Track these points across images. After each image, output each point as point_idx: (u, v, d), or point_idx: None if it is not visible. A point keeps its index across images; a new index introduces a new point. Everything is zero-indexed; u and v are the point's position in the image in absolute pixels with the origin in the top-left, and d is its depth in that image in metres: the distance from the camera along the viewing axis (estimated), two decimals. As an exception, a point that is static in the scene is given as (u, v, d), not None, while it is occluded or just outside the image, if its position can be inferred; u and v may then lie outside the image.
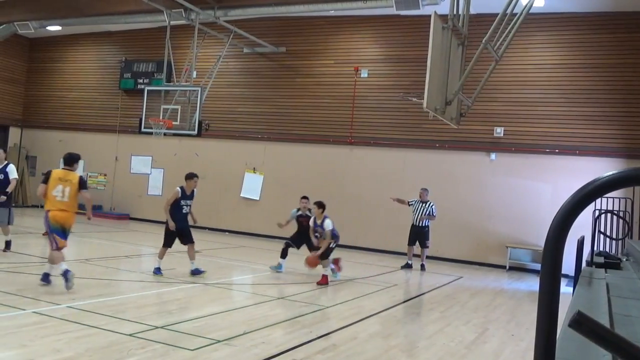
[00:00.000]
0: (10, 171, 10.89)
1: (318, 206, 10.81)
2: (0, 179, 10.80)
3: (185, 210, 10.04)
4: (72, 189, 8.33)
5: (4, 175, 10.80)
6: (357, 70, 17.35)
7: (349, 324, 7.27)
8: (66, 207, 8.29)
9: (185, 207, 10.03)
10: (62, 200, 8.27)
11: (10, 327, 5.91)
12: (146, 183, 20.33)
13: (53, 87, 23.08)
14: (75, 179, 8.46)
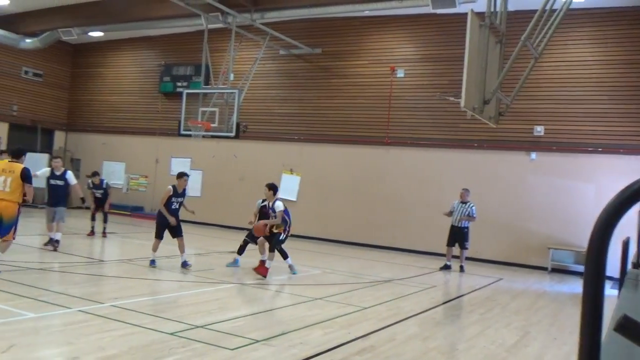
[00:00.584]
0: (69, 177, 11.79)
1: (269, 188, 10.83)
2: (61, 184, 11.76)
3: (174, 207, 10.67)
4: (14, 180, 8.45)
5: (64, 181, 11.74)
6: (393, 70, 17.27)
7: (387, 325, 7.24)
8: (6, 197, 8.38)
9: (176, 203, 10.69)
10: (2, 190, 8.40)
11: (57, 325, 6.10)
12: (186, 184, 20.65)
13: (95, 91, 23.69)
14: (18, 170, 8.56)
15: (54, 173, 11.87)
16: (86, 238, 13.72)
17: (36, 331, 5.77)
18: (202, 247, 14.17)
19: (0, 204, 8.36)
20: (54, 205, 11.79)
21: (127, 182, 22.25)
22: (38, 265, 9.89)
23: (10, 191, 8.42)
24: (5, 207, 8.37)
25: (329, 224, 17.88)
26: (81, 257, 10.98)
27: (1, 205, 8.37)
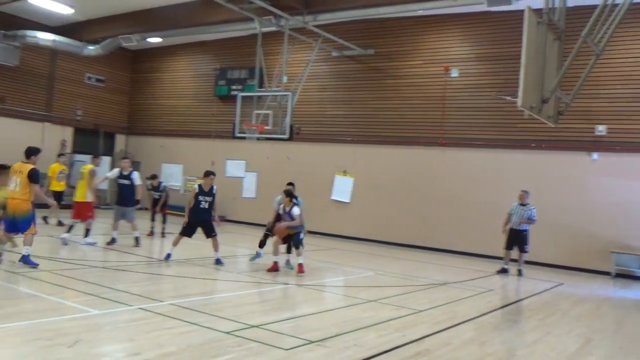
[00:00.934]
0: (135, 178, 12.41)
1: (286, 194, 10.93)
2: (128, 184, 12.33)
3: (202, 206, 10.86)
4: (22, 180, 9.08)
5: (130, 181, 12.32)
6: (447, 69, 17.02)
7: (443, 329, 7.14)
8: (16, 196, 9.06)
9: (203, 202, 10.84)
10: (14, 190, 9.09)
11: (119, 322, 6.31)
12: (240, 186, 20.99)
13: (154, 96, 24.41)
14: (26, 171, 9.14)
15: (122, 173, 12.37)
16: (146, 238, 14.13)
17: (100, 327, 5.99)
18: (256, 247, 14.34)
19: (12, 203, 9.10)
20: (122, 205, 12.31)
21: (185, 183, 22.79)
22: (101, 264, 10.27)
23: (20, 190, 9.11)
24: (16, 205, 9.07)
25: (382, 226, 17.78)
26: (141, 257, 11.32)
27: (13, 203, 9.09)
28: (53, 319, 6.10)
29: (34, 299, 6.94)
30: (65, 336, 5.43)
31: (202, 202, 10.83)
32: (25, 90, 21.68)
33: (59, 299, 6.95)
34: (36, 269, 8.82)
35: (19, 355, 4.88)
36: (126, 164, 12.59)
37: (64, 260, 10.14)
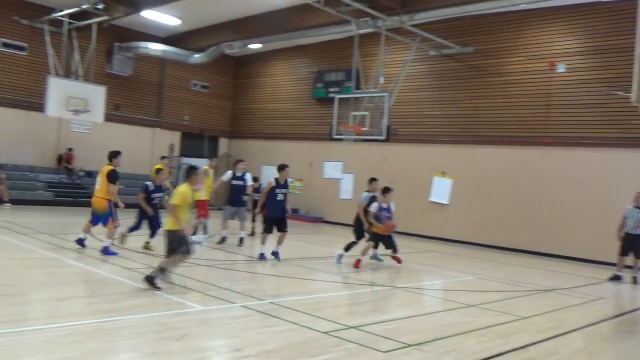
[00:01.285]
0: (248, 178, 13.04)
1: (384, 191, 11.27)
2: (241, 185, 12.89)
3: (280, 198, 11.15)
4: (102, 180, 10.13)
5: (243, 181, 12.91)
6: (552, 65, 16.21)
7: (549, 337, 6.80)
8: (97, 194, 10.21)
9: (280, 195, 11.15)
10: (96, 189, 10.29)
11: (223, 319, 6.57)
12: (338, 187, 21.17)
13: (255, 100, 25.21)
14: (105, 171, 10.15)
15: (235, 174, 12.85)
16: (247, 238, 14.59)
17: (205, 323, 6.26)
18: (355, 249, 14.40)
19: (94, 200, 10.32)
20: (235, 205, 12.78)
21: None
22: (206, 262, 10.73)
23: (99, 189, 10.23)
24: (97, 202, 10.26)
25: (483, 229, 17.24)
26: (243, 256, 11.72)
27: (94, 200, 10.31)
28: (163, 314, 6.46)
29: (146, 294, 7.38)
30: (173, 330, 5.73)
31: (279, 194, 11.14)
32: (138, 98, 23.16)
33: (168, 295, 7.34)
34: (143, 265, 9.38)
35: (133, 346, 5.21)
36: (242, 166, 13.03)
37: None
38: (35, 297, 7.07)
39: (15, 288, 7.23)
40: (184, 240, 7.71)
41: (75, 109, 18.44)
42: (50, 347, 5.00)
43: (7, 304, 6.38)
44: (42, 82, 18.88)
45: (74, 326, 5.73)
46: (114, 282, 7.98)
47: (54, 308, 6.45)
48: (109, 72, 21.92)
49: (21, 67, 19.97)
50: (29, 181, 19.47)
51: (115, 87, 21.73)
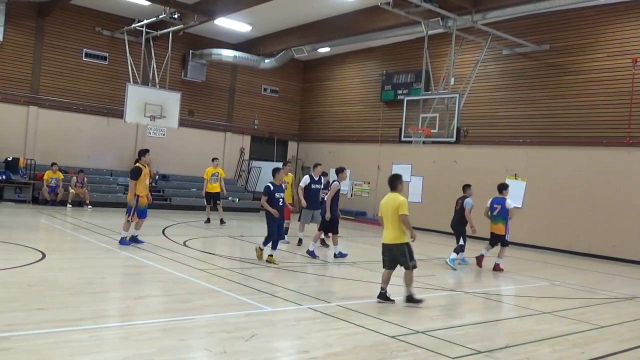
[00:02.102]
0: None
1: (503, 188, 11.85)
2: (319, 188, 12.86)
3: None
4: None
5: (321, 184, 12.89)
6: (635, 61, 15.40)
7: (630, 347, 6.45)
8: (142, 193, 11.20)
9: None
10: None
11: (291, 320, 6.65)
12: (406, 190, 20.94)
13: (323, 103, 25.38)
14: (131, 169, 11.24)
15: (313, 178, 12.85)
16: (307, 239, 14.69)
17: (273, 324, 6.35)
18: (423, 252, 14.21)
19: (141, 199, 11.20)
20: (314, 208, 12.75)
21: (352, 188, 23.35)
22: (274, 264, 10.88)
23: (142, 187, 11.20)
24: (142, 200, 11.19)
25: (559, 233, 16.58)
26: (310, 258, 11.81)
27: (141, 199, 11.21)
28: (232, 314, 6.61)
29: (216, 295, 7.58)
30: (242, 330, 5.86)
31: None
32: (210, 103, 23.85)
33: (237, 296, 7.51)
34: (217, 267, 9.63)
35: (204, 345, 5.36)
36: (319, 170, 13.04)
37: (241, 259, 10.94)
38: (113, 295, 7.42)
39: (95, 286, 7.60)
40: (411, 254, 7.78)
41: (152, 114, 19.24)
42: (127, 343, 5.23)
43: (88, 301, 6.72)
44: (122, 89, 19.82)
45: (150, 324, 5.96)
46: (186, 282, 8.24)
47: (131, 306, 6.73)
48: (184, 78, 22.70)
49: (103, 75, 21.02)
50: (109, 184, 20.43)
51: (189, 93, 22.49)
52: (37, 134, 19.77)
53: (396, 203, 7.68)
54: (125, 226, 11.12)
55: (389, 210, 7.74)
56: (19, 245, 10.17)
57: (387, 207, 7.80)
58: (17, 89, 19.41)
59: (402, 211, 7.61)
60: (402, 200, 7.72)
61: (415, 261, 7.80)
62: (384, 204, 7.86)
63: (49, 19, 19.77)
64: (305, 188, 12.68)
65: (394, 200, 7.74)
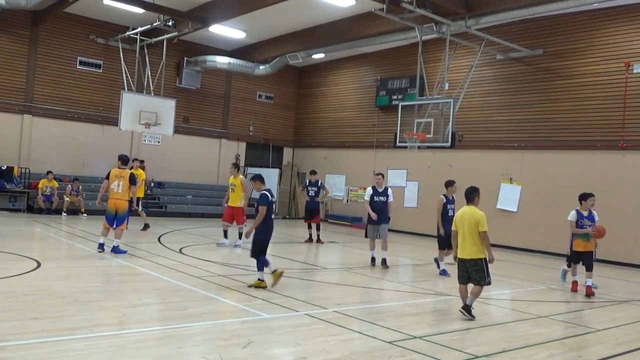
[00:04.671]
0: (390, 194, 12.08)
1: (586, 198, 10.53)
2: (383, 201, 11.92)
3: (450, 214, 10.98)
4: (124, 183, 10.94)
5: (386, 197, 11.95)
6: (628, 65, 15.49)
7: (626, 351, 6.47)
8: (119, 196, 10.95)
9: (451, 210, 11.13)
10: (117, 191, 10.95)
11: (287, 327, 6.63)
12: (402, 196, 20.96)
13: (318, 109, 25.42)
14: (127, 175, 11.06)
15: (377, 190, 11.97)
16: (303, 244, 14.72)
17: (269, 330, 6.34)
18: (419, 257, 14.23)
19: (117, 202, 11.00)
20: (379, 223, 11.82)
21: (347, 193, 23.36)
22: (269, 270, 10.87)
23: (122, 192, 11.01)
24: (120, 204, 11.00)
25: (555, 237, 16.59)
26: (306, 264, 11.80)
27: (118, 202, 11.00)
28: (229, 321, 6.60)
29: (213, 302, 7.56)
30: (239, 337, 5.84)
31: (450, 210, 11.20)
32: (205, 110, 23.85)
33: (234, 303, 7.50)
34: (222, 277, 9.60)
35: (201, 352, 5.34)
36: (380, 180, 12.15)
37: (237, 265, 10.92)
38: (109, 303, 7.39)
39: (91, 295, 7.57)
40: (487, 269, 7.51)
41: (147, 122, 19.21)
42: (124, 352, 5.20)
43: (84, 310, 6.69)
44: (116, 97, 19.79)
45: (146, 332, 5.95)
46: (182, 290, 8.22)
47: (127, 314, 6.71)
48: (178, 85, 22.70)
49: (97, 83, 20.99)
50: (105, 192, 20.34)
51: (184, 100, 22.48)
52: (32, 142, 19.72)
53: (475, 218, 7.43)
54: (120, 233, 11.06)
55: (466, 225, 7.47)
56: (14, 254, 10.12)
57: (464, 221, 7.51)
58: (12, 97, 19.37)
59: (482, 228, 7.37)
60: (482, 216, 7.45)
61: (490, 277, 7.51)
62: (460, 217, 7.59)
63: (43, 27, 19.75)
64: (369, 201, 11.86)
65: (471, 214, 7.48)
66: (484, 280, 7.44)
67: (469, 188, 7.82)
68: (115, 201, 11.04)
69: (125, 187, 11.02)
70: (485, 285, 7.50)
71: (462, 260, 7.55)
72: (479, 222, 7.39)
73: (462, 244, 7.54)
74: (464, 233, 7.49)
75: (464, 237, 7.50)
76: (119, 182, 11.01)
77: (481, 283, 7.47)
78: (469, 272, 7.49)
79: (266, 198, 8.70)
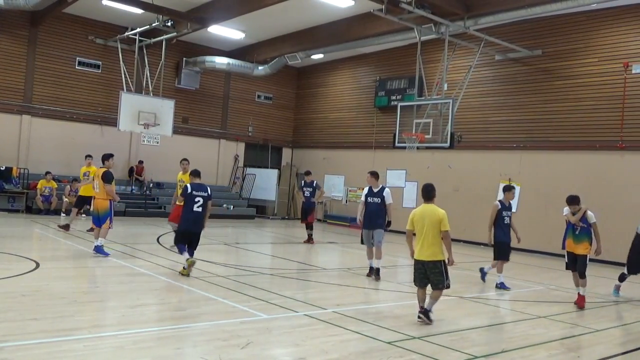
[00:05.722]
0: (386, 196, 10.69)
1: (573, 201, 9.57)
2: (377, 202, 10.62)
3: (506, 222, 10.38)
4: (99, 182, 10.78)
5: (381, 199, 10.64)
6: (626, 66, 15.51)
7: (626, 351, 6.48)
8: (98, 195, 10.89)
9: (507, 218, 10.40)
10: (95, 191, 10.95)
11: (286, 327, 6.63)
12: (401, 196, 20.97)
13: (317, 110, 25.42)
14: (100, 173, 10.87)
15: (372, 190, 10.80)
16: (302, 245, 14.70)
17: (268, 331, 6.33)
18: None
19: (96, 202, 10.97)
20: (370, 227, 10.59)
21: (346, 194, 23.36)
22: (269, 271, 10.88)
23: (99, 191, 10.88)
24: (98, 203, 10.86)
25: (554, 237, 16.56)
26: (306, 265, 11.80)
27: (96, 202, 10.94)
28: (228, 322, 6.59)
29: (212, 302, 7.56)
30: (238, 338, 5.84)
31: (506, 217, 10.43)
32: (204, 111, 23.85)
33: (233, 303, 7.49)
34: (217, 275, 9.60)
35: (200, 353, 5.34)
36: (370, 179, 10.89)
37: (236, 266, 10.91)
38: (108, 304, 7.38)
39: (89, 295, 7.57)
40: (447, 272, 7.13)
41: (145, 122, 19.20)
42: (122, 353, 5.19)
43: (83, 310, 6.69)
44: (115, 98, 19.79)
45: (145, 333, 5.94)
46: (181, 290, 8.21)
47: (126, 315, 6.70)
48: (177, 86, 22.69)
49: (96, 84, 20.98)
50: (104, 192, 20.32)
51: (183, 100, 22.48)
52: (30, 143, 19.71)
53: (437, 217, 7.08)
54: (105, 232, 10.80)
55: (427, 224, 7.06)
56: (13, 254, 10.11)
57: (424, 220, 7.10)
58: (10, 98, 19.35)
59: (445, 227, 7.02)
60: (444, 214, 7.09)
61: (449, 281, 7.17)
62: (419, 216, 7.14)
63: (42, 27, 19.74)
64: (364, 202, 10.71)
65: (433, 213, 7.10)
66: (443, 284, 7.09)
67: (429, 186, 7.43)
68: (94, 201, 11.09)
69: (101, 185, 10.84)
70: (444, 289, 7.15)
71: (421, 262, 7.15)
72: (441, 220, 7.05)
73: (421, 245, 7.12)
74: (424, 233, 7.08)
75: (424, 237, 7.09)
76: (97, 182, 10.99)
77: (440, 287, 7.12)
78: (428, 274, 7.13)
79: (185, 189, 9.56)
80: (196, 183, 9.69)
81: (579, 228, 9.36)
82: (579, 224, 9.37)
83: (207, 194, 9.63)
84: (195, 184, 9.66)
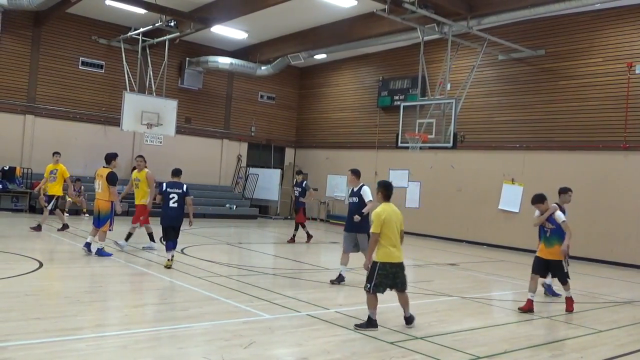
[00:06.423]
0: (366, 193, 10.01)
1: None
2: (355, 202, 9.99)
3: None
4: (103, 183, 10.54)
5: (358, 197, 9.97)
6: (630, 66, 15.47)
7: (629, 352, 6.45)
8: (100, 197, 10.63)
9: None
10: (98, 192, 10.65)
11: (289, 327, 6.63)
12: (404, 196, 20.96)
13: (319, 110, 25.42)
14: (105, 174, 10.57)
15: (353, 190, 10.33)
16: (303, 244, 14.68)
17: (271, 331, 6.33)
18: (421, 258, 14.22)
19: (97, 203, 10.72)
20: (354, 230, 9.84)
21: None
22: (272, 271, 10.88)
23: (102, 192, 10.64)
24: (100, 204, 10.63)
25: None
26: (308, 265, 11.80)
27: (98, 203, 10.69)
28: (230, 321, 6.59)
29: (214, 302, 7.56)
30: (241, 338, 5.84)
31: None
32: (207, 111, 23.87)
33: (236, 303, 7.49)
34: (221, 276, 9.60)
35: (203, 353, 5.34)
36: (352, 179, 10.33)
37: (239, 266, 10.91)
38: (111, 304, 7.39)
39: (92, 295, 7.58)
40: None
41: (148, 122, 19.22)
42: (125, 352, 5.20)
43: (86, 310, 6.70)
44: (118, 97, 19.82)
45: (147, 332, 5.95)
46: (184, 290, 8.22)
47: (129, 315, 6.71)
48: (180, 86, 22.72)
49: (99, 84, 21.02)
50: (107, 192, 20.35)
51: (186, 100, 22.50)
52: (34, 142, 19.74)
53: (401, 217, 6.76)
54: (103, 235, 10.68)
55: (398, 225, 6.67)
56: (16, 254, 10.13)
57: (397, 220, 6.67)
58: (14, 97, 19.40)
59: (402, 226, 6.75)
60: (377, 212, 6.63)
61: None
62: (390, 215, 6.59)
63: (46, 27, 19.79)
64: None
65: (398, 212, 6.73)
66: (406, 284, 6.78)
67: (390, 184, 6.94)
68: (96, 202, 10.87)
69: (104, 186, 10.62)
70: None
71: (396, 264, 6.65)
72: (402, 221, 6.77)
73: (397, 247, 6.64)
74: (398, 233, 6.66)
75: (397, 238, 6.64)
76: (99, 182, 10.73)
77: (405, 287, 6.83)
78: (398, 277, 6.68)
79: (160, 187, 10.09)
80: (172, 181, 10.24)
81: (549, 230, 8.57)
82: (548, 226, 8.60)
83: (181, 191, 10.09)
84: (170, 182, 10.21)
